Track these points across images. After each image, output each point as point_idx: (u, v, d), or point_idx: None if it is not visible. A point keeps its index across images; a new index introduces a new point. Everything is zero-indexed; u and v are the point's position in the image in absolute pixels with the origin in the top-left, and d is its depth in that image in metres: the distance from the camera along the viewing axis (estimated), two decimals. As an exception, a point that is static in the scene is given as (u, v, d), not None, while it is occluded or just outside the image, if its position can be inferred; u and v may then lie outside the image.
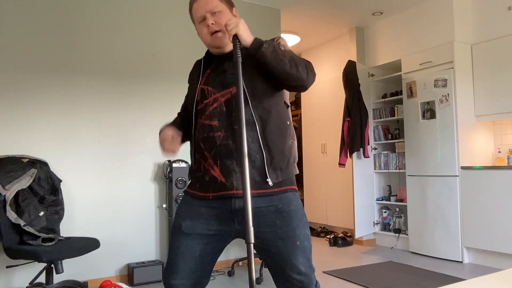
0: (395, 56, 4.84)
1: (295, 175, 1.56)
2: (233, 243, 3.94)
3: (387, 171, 4.95)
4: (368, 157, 4.88)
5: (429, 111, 4.27)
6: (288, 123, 1.55)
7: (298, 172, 1.57)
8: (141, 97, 3.73)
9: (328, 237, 5.23)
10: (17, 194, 2.80)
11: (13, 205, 2.77)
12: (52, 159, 3.26)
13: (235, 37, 1.42)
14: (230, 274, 3.70)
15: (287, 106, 1.58)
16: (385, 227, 4.96)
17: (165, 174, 3.73)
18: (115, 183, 3.56)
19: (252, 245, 1.27)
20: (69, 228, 3.28)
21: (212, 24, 1.51)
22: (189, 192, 1.55)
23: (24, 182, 2.85)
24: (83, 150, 3.44)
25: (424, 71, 4.40)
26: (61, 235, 3.08)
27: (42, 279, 2.91)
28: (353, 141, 4.74)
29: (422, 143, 4.33)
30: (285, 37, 5.40)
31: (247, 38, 1.43)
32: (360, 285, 3.31)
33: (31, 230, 2.76)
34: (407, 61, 4.61)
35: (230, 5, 1.60)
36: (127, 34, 3.71)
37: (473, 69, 4.21)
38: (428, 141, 4.28)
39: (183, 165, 3.68)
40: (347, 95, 4.86)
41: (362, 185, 4.94)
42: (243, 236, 1.41)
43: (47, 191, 3.03)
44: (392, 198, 4.92)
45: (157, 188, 3.76)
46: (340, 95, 5.31)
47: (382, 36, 5.05)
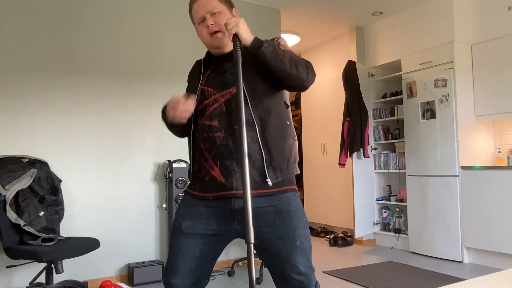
0: (395, 56, 4.84)
1: (295, 175, 1.56)
2: (233, 243, 3.94)
3: (387, 171, 4.95)
4: (368, 157, 4.88)
5: (429, 111, 4.27)
6: (288, 123, 1.55)
7: (299, 172, 1.57)
8: (141, 97, 3.73)
9: (328, 237, 5.23)
10: (17, 194, 2.80)
11: (13, 205, 2.77)
12: (52, 159, 3.26)
13: (235, 36, 1.42)
14: (230, 274, 3.70)
15: (287, 106, 1.58)
16: (385, 227, 4.96)
17: (165, 174, 3.73)
18: (115, 183, 3.56)
19: (252, 245, 1.28)
20: (69, 228, 3.28)
21: (212, 24, 1.51)
22: (189, 192, 1.56)
23: (24, 182, 2.85)
24: (83, 150, 3.44)
25: (424, 71, 4.40)
26: (61, 235, 3.09)
27: (42, 279, 2.91)
28: (353, 141, 4.74)
29: (422, 143, 4.33)
30: (285, 37, 5.40)
31: (247, 37, 1.43)
32: (360, 285, 3.31)
33: (31, 230, 2.77)
34: (407, 61, 4.61)
35: (230, 5, 1.59)
36: (127, 34, 3.71)
37: (473, 69, 4.21)
38: (428, 141, 4.28)
39: (183, 165, 3.69)
40: (347, 95, 4.86)
41: (362, 185, 4.94)
42: (243, 236, 1.41)
43: (47, 191, 3.03)
44: (392, 198, 4.92)
45: (157, 188, 3.76)
46: (340, 95, 5.31)
47: (382, 36, 5.05)
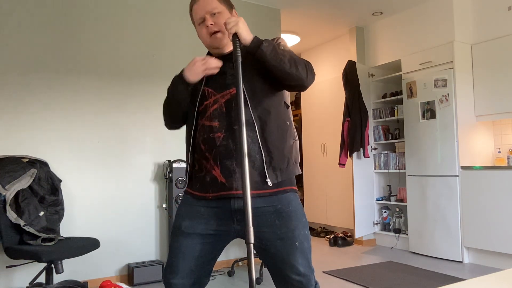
0: (395, 56, 4.84)
1: (296, 175, 1.55)
2: (233, 243, 3.94)
3: (387, 171, 4.95)
4: (368, 157, 4.88)
5: (429, 111, 4.27)
6: (289, 123, 1.55)
7: (300, 173, 1.57)
8: (141, 97, 3.73)
9: (328, 237, 5.23)
10: (17, 194, 2.80)
11: (13, 205, 2.77)
12: (52, 159, 3.26)
13: (235, 36, 1.43)
14: (230, 274, 3.70)
15: (287, 106, 1.58)
16: (385, 227, 4.96)
17: (165, 174, 3.73)
18: (115, 183, 3.56)
19: (252, 245, 1.28)
20: (69, 228, 3.29)
21: (211, 24, 1.52)
22: (189, 192, 1.56)
23: (24, 182, 2.85)
24: (83, 150, 3.44)
25: (424, 71, 4.40)
26: (61, 235, 3.09)
27: (42, 279, 2.91)
28: (353, 141, 4.74)
29: (422, 143, 4.33)
30: (285, 37, 5.40)
31: (246, 36, 1.43)
32: (360, 285, 3.31)
33: (31, 230, 2.77)
34: (407, 61, 4.61)
35: (230, 6, 1.60)
36: (127, 34, 3.71)
37: (473, 69, 4.21)
38: (428, 141, 4.28)
39: (183, 165, 3.69)
40: (347, 95, 4.86)
41: (362, 185, 4.94)
42: (242, 236, 1.41)
43: (47, 191, 3.03)
44: (392, 198, 4.92)
45: (157, 188, 3.76)
46: (340, 95, 5.31)
47: (382, 36, 5.05)
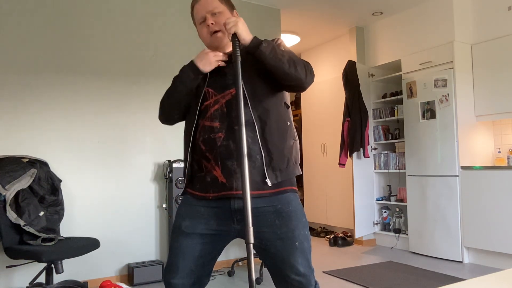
0: (395, 56, 4.84)
1: (296, 176, 1.55)
2: (233, 243, 3.94)
3: (387, 171, 4.94)
4: (368, 157, 4.88)
5: (429, 111, 4.27)
6: (289, 123, 1.55)
7: (300, 173, 1.57)
8: (141, 97, 3.73)
9: (328, 237, 5.23)
10: (17, 194, 2.80)
11: (13, 205, 2.77)
12: (52, 159, 3.26)
13: (234, 36, 1.43)
14: (230, 274, 3.70)
15: (287, 106, 1.58)
16: (385, 227, 4.96)
17: (165, 174, 3.73)
18: (115, 183, 3.56)
19: (251, 245, 1.28)
20: (69, 228, 3.29)
21: (212, 24, 1.52)
22: (189, 192, 1.56)
23: (24, 182, 2.85)
24: (83, 150, 3.44)
25: (424, 71, 4.40)
26: (61, 235, 3.09)
27: (42, 279, 2.91)
28: (353, 141, 4.74)
29: (422, 143, 4.33)
30: (285, 37, 5.40)
31: (246, 36, 1.43)
32: (360, 285, 3.31)
33: (31, 230, 2.77)
34: (407, 61, 4.61)
35: (231, 6, 1.60)
36: (127, 34, 3.71)
37: (473, 69, 4.21)
38: (428, 141, 4.28)
39: (183, 165, 3.68)
40: (347, 95, 4.86)
41: (362, 185, 4.94)
42: (242, 236, 1.41)
43: (47, 191, 3.03)
44: (392, 198, 4.92)
45: (157, 188, 3.76)
46: (340, 95, 5.31)
47: (382, 36, 5.05)
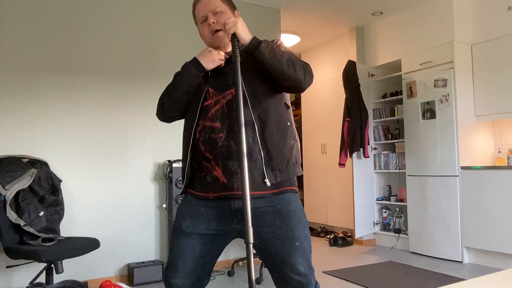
0: (395, 56, 4.84)
1: (297, 176, 1.55)
2: (233, 243, 3.94)
3: (387, 171, 4.94)
4: (368, 157, 4.88)
5: (429, 111, 4.27)
6: (289, 123, 1.55)
7: (301, 173, 1.57)
8: (141, 97, 3.73)
9: (328, 237, 5.23)
10: (17, 194, 2.80)
11: (13, 205, 2.77)
12: (52, 159, 3.26)
13: (234, 36, 1.43)
14: (230, 274, 3.70)
15: (287, 107, 1.58)
16: (385, 227, 4.96)
17: (165, 174, 3.73)
18: (115, 183, 3.56)
19: (251, 245, 1.28)
20: (69, 228, 3.28)
21: (213, 23, 1.52)
22: (189, 192, 1.56)
23: (24, 182, 2.85)
24: (83, 150, 3.44)
25: (424, 71, 4.40)
26: (61, 235, 3.09)
27: (42, 279, 2.91)
28: (353, 141, 4.74)
29: (422, 143, 4.33)
30: (285, 37, 5.41)
31: (245, 37, 1.44)
32: (360, 285, 3.31)
33: (31, 230, 2.77)
34: (407, 61, 4.61)
35: (233, 7, 1.61)
36: (127, 34, 3.71)
37: (473, 69, 4.21)
38: (428, 141, 4.28)
39: (181, 165, 3.68)
40: (347, 95, 4.86)
41: (362, 185, 4.94)
42: (243, 236, 1.41)
43: (47, 191, 3.03)
44: (392, 198, 4.92)
45: (157, 188, 3.76)
46: (340, 95, 5.31)
47: (382, 36, 5.05)
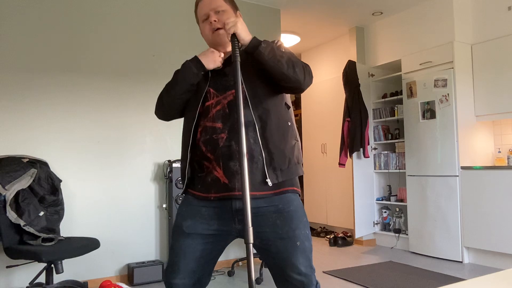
0: (395, 56, 4.84)
1: (298, 176, 1.55)
2: (233, 243, 3.93)
3: (387, 171, 4.95)
4: (368, 157, 4.88)
5: (429, 111, 4.27)
6: (290, 124, 1.54)
7: (303, 173, 1.57)
8: (141, 97, 3.73)
9: (328, 237, 5.23)
10: (17, 194, 2.80)
11: (13, 205, 2.77)
12: (52, 159, 3.26)
13: (234, 36, 1.43)
14: (230, 274, 3.70)
15: (288, 107, 1.58)
16: (385, 227, 4.96)
17: (165, 174, 3.73)
18: (115, 183, 3.56)
19: (251, 245, 1.28)
20: (69, 228, 3.28)
21: (215, 21, 1.53)
22: (190, 193, 1.56)
23: (24, 182, 2.85)
24: (83, 150, 3.44)
25: (424, 71, 4.40)
26: (61, 235, 3.08)
27: (42, 279, 2.90)
28: (353, 141, 4.74)
29: (422, 143, 4.33)
30: (285, 37, 5.41)
31: (245, 37, 1.44)
32: (360, 285, 3.31)
33: (31, 230, 2.76)
34: (407, 61, 4.61)
35: (235, 7, 1.61)
36: (127, 34, 3.71)
37: (473, 69, 4.21)
38: (428, 141, 4.28)
39: (180, 165, 3.68)
40: (347, 95, 4.86)
41: (362, 185, 4.94)
42: (243, 236, 1.41)
43: (47, 191, 3.03)
44: (392, 198, 4.92)
45: (157, 188, 3.76)
46: (340, 95, 5.31)
47: (382, 36, 5.05)
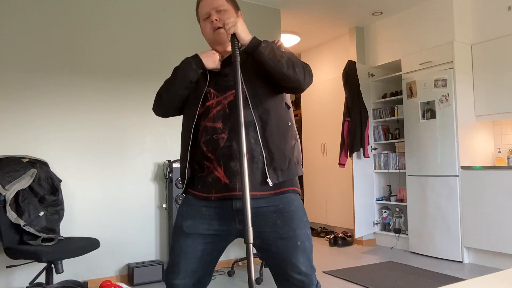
0: (395, 56, 4.84)
1: (298, 176, 1.55)
2: (233, 243, 3.91)
3: (387, 171, 4.95)
4: (368, 157, 4.88)
5: (429, 111, 4.27)
6: (290, 124, 1.55)
7: (302, 173, 1.57)
8: (141, 97, 3.73)
9: (328, 237, 5.23)
10: (17, 194, 2.80)
11: (13, 205, 2.77)
12: (52, 159, 3.26)
13: (234, 36, 1.43)
14: (230, 274, 3.70)
15: (288, 107, 1.58)
16: (385, 227, 4.96)
17: (165, 174, 3.73)
18: (115, 183, 3.56)
19: (251, 245, 1.28)
20: (69, 228, 3.28)
21: (216, 20, 1.53)
22: (190, 193, 1.56)
23: (24, 182, 2.85)
24: (83, 150, 3.44)
25: (424, 71, 4.40)
26: (61, 235, 3.08)
27: (42, 279, 2.90)
28: (353, 141, 4.74)
29: (422, 143, 4.33)
30: (285, 37, 5.41)
31: (245, 37, 1.44)
32: (360, 285, 3.31)
33: (31, 230, 2.76)
34: (407, 61, 4.61)
35: (236, 7, 1.61)
36: (127, 34, 3.71)
37: (473, 69, 4.21)
38: (428, 141, 4.28)
39: (179, 165, 3.68)
40: (347, 95, 4.86)
41: (362, 185, 4.94)
42: (244, 236, 1.41)
43: (47, 191, 3.03)
44: (392, 198, 4.92)
45: (157, 188, 3.76)
46: (340, 95, 5.30)
47: (382, 36, 5.05)
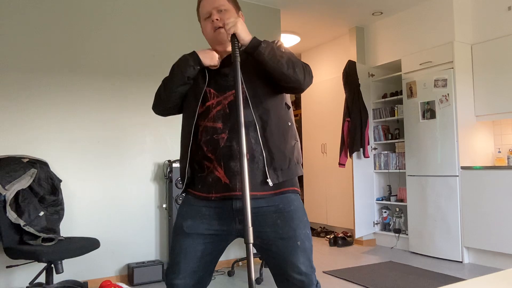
0: (395, 56, 4.84)
1: (298, 176, 1.55)
2: (233, 243, 3.92)
3: (387, 171, 4.95)
4: (368, 157, 4.88)
5: (429, 111, 4.27)
6: (290, 124, 1.55)
7: (302, 173, 1.57)
8: (141, 97, 3.73)
9: (328, 237, 5.23)
10: (17, 194, 2.80)
11: (13, 205, 2.77)
12: (52, 159, 3.26)
13: (234, 36, 1.43)
14: (230, 274, 3.70)
15: (288, 107, 1.58)
16: (385, 227, 4.96)
17: (165, 174, 3.73)
18: (115, 183, 3.56)
19: (251, 245, 1.28)
20: (69, 228, 3.28)
21: (217, 19, 1.53)
22: (190, 193, 1.56)
23: (24, 182, 2.85)
24: (83, 150, 3.44)
25: (424, 71, 4.40)
26: (61, 235, 3.08)
27: (42, 279, 2.90)
28: (353, 141, 4.74)
29: (422, 143, 4.33)
30: (285, 37, 5.41)
31: (245, 37, 1.44)
32: (360, 285, 3.31)
33: (31, 230, 2.76)
34: (407, 61, 4.61)
35: (237, 7, 1.61)
36: (127, 34, 3.71)
37: (473, 69, 4.21)
38: (428, 141, 4.28)
39: (179, 165, 3.68)
40: (347, 95, 4.86)
41: (362, 185, 4.94)
42: (244, 236, 1.41)
43: (47, 191, 3.03)
44: (392, 198, 4.92)
45: (157, 188, 3.76)
46: (340, 95, 5.31)
47: (382, 36, 5.05)
